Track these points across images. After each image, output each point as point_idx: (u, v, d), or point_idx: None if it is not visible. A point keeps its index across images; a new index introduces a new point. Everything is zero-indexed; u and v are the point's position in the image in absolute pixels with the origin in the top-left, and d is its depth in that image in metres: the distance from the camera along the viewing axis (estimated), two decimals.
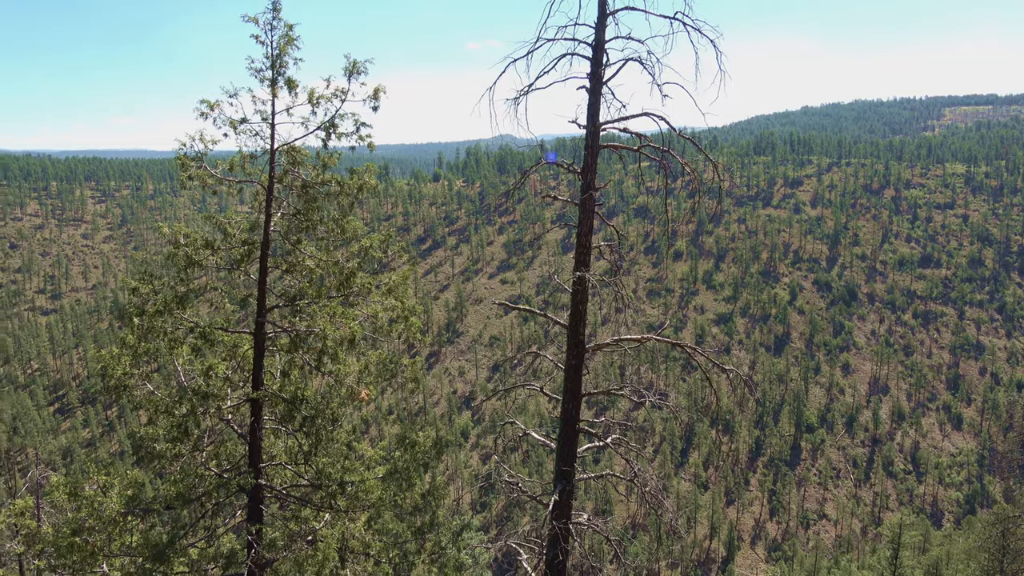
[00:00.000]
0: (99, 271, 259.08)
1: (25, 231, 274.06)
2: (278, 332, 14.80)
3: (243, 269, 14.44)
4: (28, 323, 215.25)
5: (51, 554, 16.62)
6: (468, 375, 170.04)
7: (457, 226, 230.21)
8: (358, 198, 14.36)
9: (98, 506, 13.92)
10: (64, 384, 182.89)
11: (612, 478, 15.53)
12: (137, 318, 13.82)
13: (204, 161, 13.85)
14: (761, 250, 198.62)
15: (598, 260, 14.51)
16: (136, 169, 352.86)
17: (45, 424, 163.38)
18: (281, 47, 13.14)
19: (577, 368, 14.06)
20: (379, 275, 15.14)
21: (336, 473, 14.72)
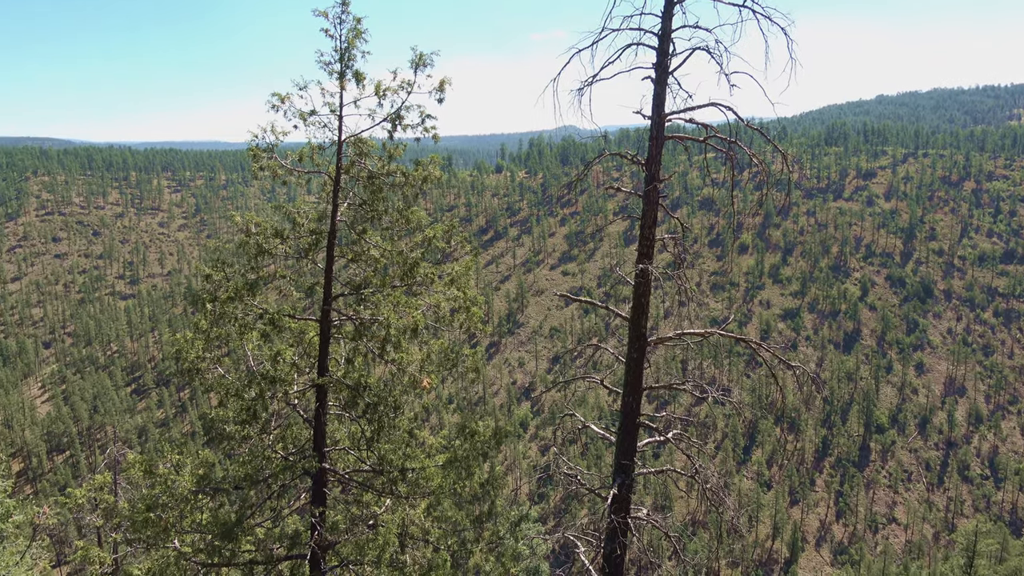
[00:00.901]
0: (174, 258, 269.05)
1: (107, 219, 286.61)
2: (343, 320, 15.09)
3: (310, 258, 14.76)
4: (108, 307, 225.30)
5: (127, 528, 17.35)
6: (528, 366, 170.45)
7: (519, 217, 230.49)
8: (422, 189, 14.51)
9: (171, 484, 14.47)
10: (141, 366, 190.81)
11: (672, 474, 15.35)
12: (210, 304, 14.28)
13: (275, 152, 14.20)
14: (831, 244, 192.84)
15: (661, 252, 14.37)
16: (210, 160, 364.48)
17: (123, 404, 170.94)
18: (349, 40, 13.34)
19: (638, 361, 13.93)
20: (442, 265, 15.27)
21: (398, 460, 14.96)
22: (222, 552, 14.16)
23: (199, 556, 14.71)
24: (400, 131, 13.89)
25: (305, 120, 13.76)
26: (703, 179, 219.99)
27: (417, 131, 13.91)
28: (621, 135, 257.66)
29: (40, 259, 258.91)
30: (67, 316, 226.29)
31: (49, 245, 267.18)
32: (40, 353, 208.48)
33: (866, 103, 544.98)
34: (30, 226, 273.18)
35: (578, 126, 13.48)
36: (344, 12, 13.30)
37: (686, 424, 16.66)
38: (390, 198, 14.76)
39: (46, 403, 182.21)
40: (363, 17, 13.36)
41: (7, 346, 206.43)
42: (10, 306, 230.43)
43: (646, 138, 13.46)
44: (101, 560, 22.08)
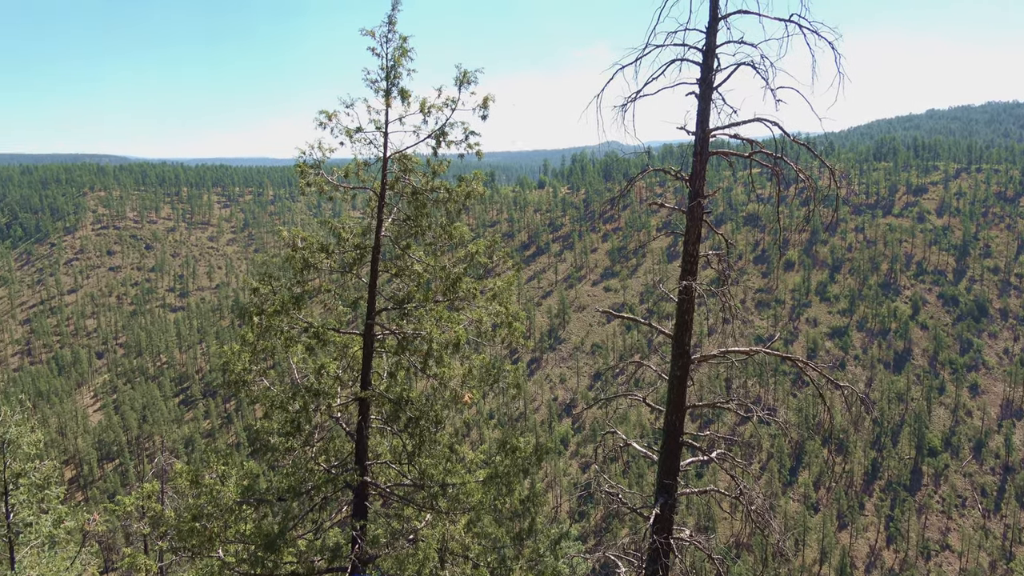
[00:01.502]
0: (222, 271, 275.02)
1: (159, 233, 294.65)
2: (386, 334, 15.22)
3: (355, 272, 14.94)
4: (159, 319, 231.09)
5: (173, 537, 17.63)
6: (569, 382, 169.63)
7: (561, 233, 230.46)
8: (465, 204, 14.61)
9: (216, 494, 14.69)
10: (188, 377, 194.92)
11: (716, 494, 15.08)
12: (256, 317, 14.53)
13: (321, 168, 14.45)
14: (880, 261, 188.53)
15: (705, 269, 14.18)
16: (258, 176, 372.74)
17: (170, 414, 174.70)
18: (396, 58, 13.55)
19: (682, 379, 13.75)
20: (484, 280, 15.32)
21: (438, 474, 14.98)
22: (265, 563, 14.30)
23: (242, 567, 14.89)
24: (444, 147, 14.03)
25: (351, 137, 13.99)
26: (748, 195, 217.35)
27: (461, 147, 14.03)
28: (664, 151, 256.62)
29: (95, 272, 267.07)
30: (119, 327, 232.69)
31: (104, 258, 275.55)
32: (93, 363, 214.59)
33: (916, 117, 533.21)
34: (86, 240, 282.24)
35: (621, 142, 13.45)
36: (391, 31, 13.52)
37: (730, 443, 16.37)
38: (433, 213, 14.89)
39: (98, 412, 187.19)
40: (409, 36, 13.57)
41: (62, 356, 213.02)
42: (66, 317, 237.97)
43: (690, 154, 13.35)
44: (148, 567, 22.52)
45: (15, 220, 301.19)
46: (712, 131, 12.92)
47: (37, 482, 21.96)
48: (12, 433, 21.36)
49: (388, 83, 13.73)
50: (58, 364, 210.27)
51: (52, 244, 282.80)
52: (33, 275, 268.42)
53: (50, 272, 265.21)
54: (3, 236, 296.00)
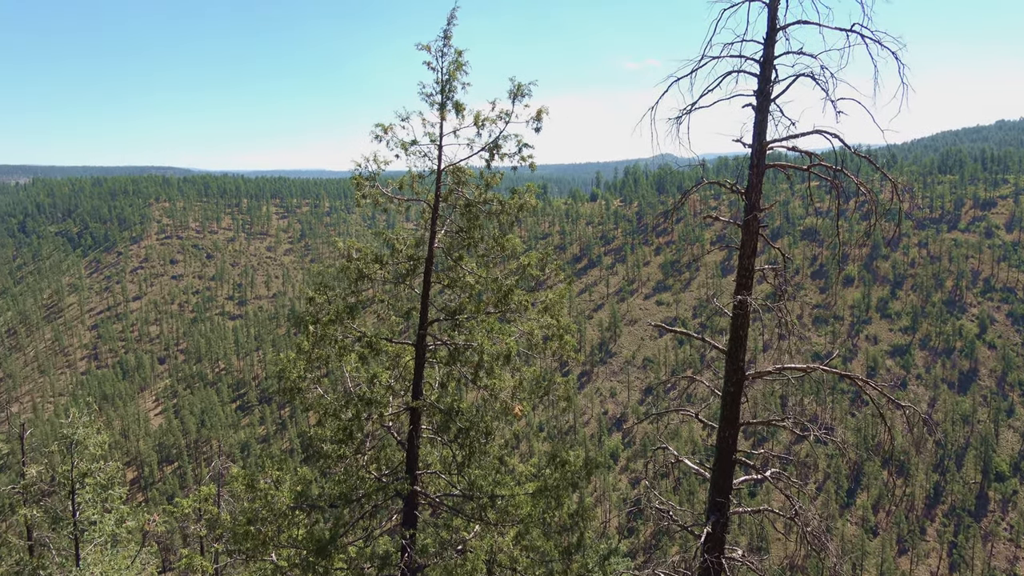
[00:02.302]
0: (279, 281, 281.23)
1: (219, 243, 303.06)
2: (438, 345, 15.34)
3: (408, 283, 15.13)
4: (218, 326, 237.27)
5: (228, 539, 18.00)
6: (620, 396, 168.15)
7: (613, 246, 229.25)
8: (518, 217, 14.68)
9: (271, 499, 14.97)
10: (245, 383, 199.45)
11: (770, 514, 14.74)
12: (312, 326, 14.82)
13: (377, 180, 14.71)
14: (945, 277, 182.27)
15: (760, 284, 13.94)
16: (315, 188, 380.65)
17: (227, 419, 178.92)
18: (451, 72, 13.73)
19: (735, 395, 13.53)
20: (535, 293, 15.34)
21: (488, 486, 14.99)
22: (316, 568, 14.50)
23: (294, 571, 15.13)
24: (497, 160, 14.14)
25: (406, 150, 14.22)
26: (806, 208, 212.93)
27: (514, 160, 14.12)
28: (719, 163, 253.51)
29: (159, 280, 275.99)
30: (181, 334, 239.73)
31: (167, 267, 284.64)
32: (155, 368, 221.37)
33: (984, 129, 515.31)
34: (151, 249, 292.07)
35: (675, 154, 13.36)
36: (446, 45, 13.71)
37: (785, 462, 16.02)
38: (486, 225, 15.00)
39: (159, 416, 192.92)
40: (464, 50, 13.73)
41: (127, 361, 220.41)
42: (131, 323, 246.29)
43: (745, 166, 13.18)
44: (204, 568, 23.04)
45: (86, 229, 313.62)
46: (769, 143, 12.74)
47: (102, 482, 22.73)
48: (80, 434, 22.17)
49: (443, 96, 13.92)
50: (123, 368, 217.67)
51: (119, 253, 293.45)
52: (101, 282, 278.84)
53: (117, 280, 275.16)
54: (75, 245, 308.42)
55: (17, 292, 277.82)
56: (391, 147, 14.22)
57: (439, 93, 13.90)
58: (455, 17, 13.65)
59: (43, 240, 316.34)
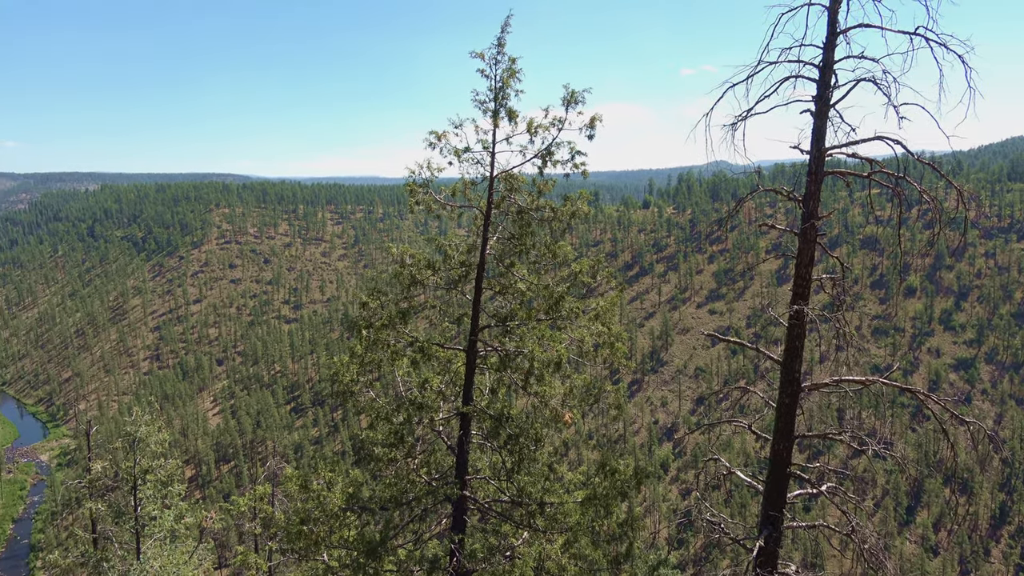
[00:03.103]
0: (333, 286, 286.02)
1: (276, 248, 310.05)
2: (489, 351, 15.41)
3: (460, 289, 15.25)
4: (274, 330, 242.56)
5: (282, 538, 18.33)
6: (671, 406, 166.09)
7: (665, 253, 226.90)
8: (570, 224, 14.67)
9: (323, 500, 15.22)
10: (299, 386, 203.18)
11: (825, 530, 14.39)
12: (365, 330, 15.05)
13: (430, 187, 14.88)
14: (1014, 289, 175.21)
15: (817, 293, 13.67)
16: (369, 194, 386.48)
17: (282, 420, 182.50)
18: (504, 80, 13.82)
19: (790, 407, 13.27)
20: (587, 300, 15.29)
21: (536, 493, 14.97)
22: (366, 570, 14.67)
23: (345, 572, 15.35)
24: (550, 167, 14.17)
25: (459, 157, 14.35)
26: (866, 216, 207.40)
27: (567, 167, 14.13)
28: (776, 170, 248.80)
29: (218, 284, 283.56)
30: (238, 337, 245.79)
31: (226, 271, 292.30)
32: (214, 369, 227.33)
33: None
34: (211, 253, 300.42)
35: (730, 161, 13.21)
36: (500, 53, 13.81)
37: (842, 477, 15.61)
38: (538, 232, 15.03)
39: (216, 415, 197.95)
40: (518, 57, 13.81)
41: (187, 362, 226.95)
42: (191, 326, 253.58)
43: (803, 173, 12.96)
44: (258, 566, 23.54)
45: (150, 234, 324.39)
46: (828, 150, 12.50)
47: (162, 479, 23.44)
48: (142, 432, 22.92)
49: (496, 104, 14.01)
50: (183, 369, 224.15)
51: (181, 257, 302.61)
52: (164, 286, 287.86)
53: (178, 283, 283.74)
54: (139, 249, 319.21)
55: (85, 294, 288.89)
56: (444, 154, 14.38)
57: (492, 100, 14.00)
58: (509, 24, 13.74)
59: (110, 244, 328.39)
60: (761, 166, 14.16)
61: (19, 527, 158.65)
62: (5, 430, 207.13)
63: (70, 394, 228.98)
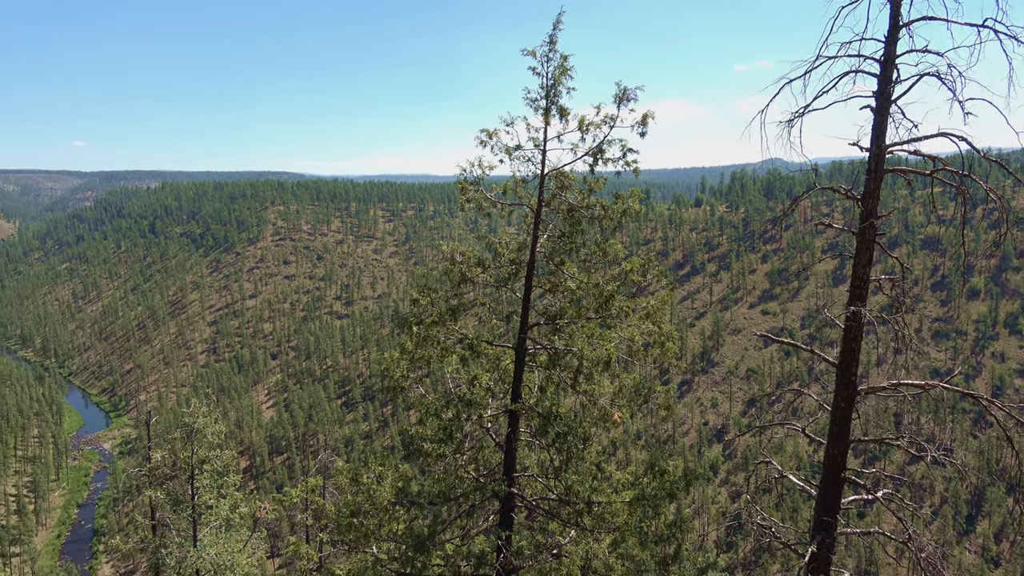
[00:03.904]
0: (384, 282, 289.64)
1: (329, 245, 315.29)
2: (538, 349, 15.42)
3: (509, 287, 15.29)
4: (326, 325, 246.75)
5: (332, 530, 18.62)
6: (721, 407, 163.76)
7: (717, 252, 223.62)
8: (620, 222, 14.57)
9: (373, 493, 15.44)
10: (350, 381, 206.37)
11: (880, 537, 14.03)
12: (415, 327, 15.20)
13: (481, 185, 14.95)
14: None
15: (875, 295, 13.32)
16: (420, 192, 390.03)
17: (333, 414, 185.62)
18: (556, 77, 13.80)
19: (846, 411, 12.97)
20: (637, 299, 15.18)
21: (584, 491, 14.93)
22: (415, 563, 14.85)
23: (393, 565, 15.54)
24: (601, 165, 14.10)
25: (510, 155, 14.38)
26: (927, 216, 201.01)
27: (618, 165, 14.04)
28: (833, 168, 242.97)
29: (273, 279, 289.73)
30: (292, 331, 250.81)
31: (281, 267, 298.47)
32: (268, 363, 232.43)
33: None
34: (266, 250, 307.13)
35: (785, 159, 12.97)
36: (551, 50, 13.79)
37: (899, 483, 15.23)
38: (588, 230, 14.97)
39: (270, 408, 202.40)
40: (569, 55, 13.77)
41: (242, 355, 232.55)
42: (246, 320, 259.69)
43: (861, 171, 12.64)
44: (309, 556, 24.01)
45: (208, 231, 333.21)
46: (888, 147, 12.16)
47: (218, 469, 24.09)
48: (200, 423, 23.59)
49: (547, 101, 14.00)
50: (238, 363, 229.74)
51: (237, 253, 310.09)
52: (221, 281, 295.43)
53: (234, 279, 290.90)
54: (198, 245, 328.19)
55: (147, 289, 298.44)
56: (495, 152, 14.42)
57: (544, 98, 13.99)
58: (561, 22, 13.71)
59: (170, 240, 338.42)
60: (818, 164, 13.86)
61: (83, 512, 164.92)
62: (71, 419, 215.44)
63: (131, 385, 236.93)
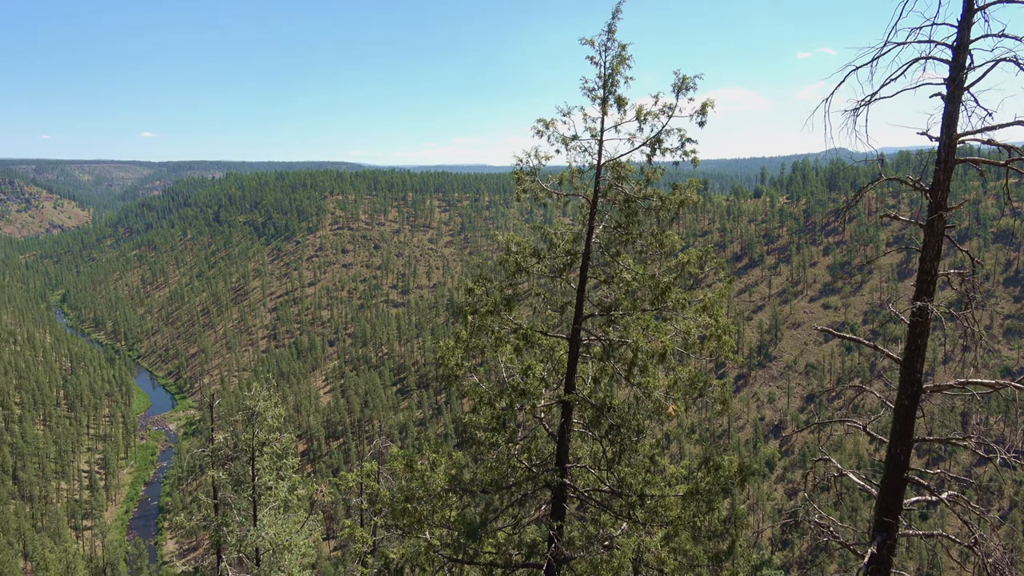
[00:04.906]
0: (439, 272, 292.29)
1: (386, 234, 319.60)
2: (592, 340, 15.37)
3: (564, 277, 15.26)
4: (382, 313, 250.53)
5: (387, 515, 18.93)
6: (779, 402, 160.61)
7: (777, 245, 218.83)
8: (678, 213, 14.39)
9: (426, 480, 15.65)
10: (405, 368, 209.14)
11: (944, 540, 13.60)
12: (470, 316, 15.32)
13: (537, 176, 14.93)
14: None
15: (943, 289, 12.86)
16: (475, 182, 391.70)
17: (388, 401, 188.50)
18: (614, 66, 13.66)
19: (910, 409, 12.58)
20: (693, 291, 14.99)
21: (637, 484, 14.85)
22: (466, 550, 15.02)
23: (446, 550, 15.76)
24: (659, 155, 13.93)
25: (567, 145, 14.32)
26: (1001, 208, 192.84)
27: (676, 155, 13.85)
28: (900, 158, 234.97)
29: (331, 268, 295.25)
30: (349, 319, 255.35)
31: (339, 256, 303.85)
32: (326, 350, 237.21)
33: None
34: (325, 239, 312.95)
35: (849, 148, 12.60)
36: (610, 39, 13.66)
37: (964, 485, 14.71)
38: (644, 221, 14.82)
39: (327, 394, 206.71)
40: (628, 44, 13.61)
41: (301, 342, 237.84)
42: (305, 307, 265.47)
43: (930, 161, 12.20)
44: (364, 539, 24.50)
45: (269, 220, 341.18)
46: (960, 136, 11.71)
47: (277, 451, 24.75)
48: (260, 407, 24.26)
49: (605, 91, 13.89)
50: (297, 349, 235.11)
51: (297, 242, 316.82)
52: (281, 269, 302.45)
53: (294, 267, 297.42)
54: (260, 233, 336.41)
55: (211, 275, 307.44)
56: (552, 142, 14.39)
57: (601, 88, 13.88)
58: (620, 11, 13.56)
59: (233, 229, 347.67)
60: (884, 153, 13.42)
61: (150, 489, 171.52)
62: (139, 399, 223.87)
63: (195, 368, 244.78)
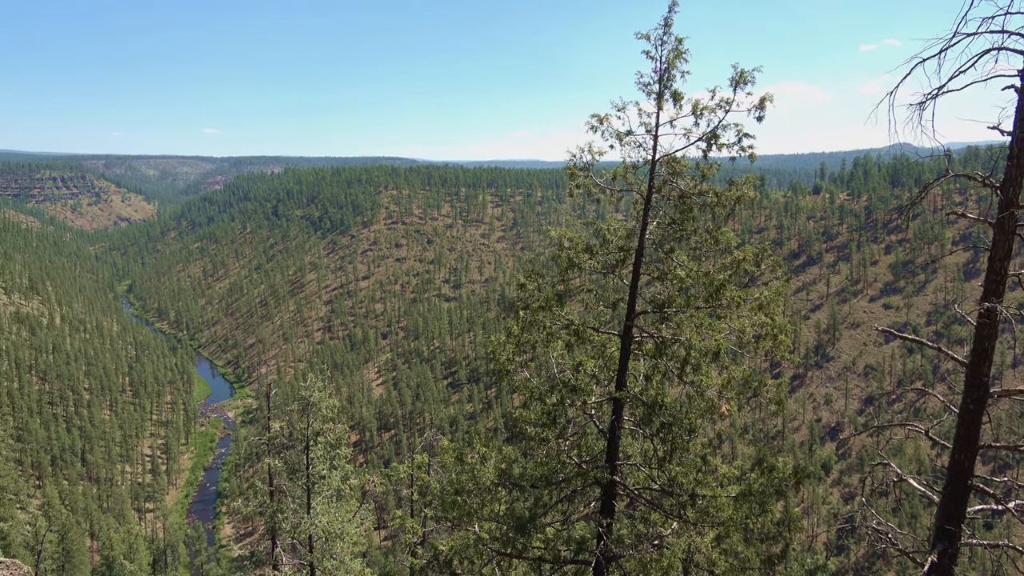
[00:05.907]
0: (491, 267, 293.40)
1: (439, 229, 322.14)
2: (644, 337, 15.24)
3: (617, 274, 15.16)
4: (434, 307, 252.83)
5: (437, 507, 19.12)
6: (835, 404, 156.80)
7: (836, 242, 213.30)
8: (733, 210, 14.15)
9: (477, 473, 15.76)
10: (456, 362, 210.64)
11: (1010, 551, 13.12)
12: (522, 311, 15.34)
13: (590, 171, 14.85)
14: None
15: (1014, 290, 12.43)
16: (528, 177, 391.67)
17: (439, 394, 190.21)
18: (670, 61, 13.50)
19: (975, 414, 12.15)
20: (749, 289, 14.72)
21: (688, 484, 14.70)
22: (515, 544, 15.08)
23: (495, 544, 15.84)
24: (715, 150, 13.73)
25: (621, 140, 14.20)
26: None
27: (733, 150, 13.62)
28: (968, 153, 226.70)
29: (385, 262, 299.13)
30: (402, 312, 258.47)
31: (392, 250, 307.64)
32: (378, 343, 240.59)
33: None
34: (379, 233, 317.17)
35: (913, 143, 12.19)
36: (666, 33, 13.49)
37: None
38: (699, 218, 14.62)
39: (380, 386, 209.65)
40: (684, 37, 13.43)
41: (355, 334, 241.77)
42: (359, 300, 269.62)
43: (1001, 157, 11.74)
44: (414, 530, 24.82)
45: (325, 214, 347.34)
46: None
47: (331, 441, 25.24)
48: (315, 397, 24.77)
49: (661, 86, 13.73)
50: (351, 341, 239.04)
51: (352, 236, 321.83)
52: (336, 262, 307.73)
53: (349, 260, 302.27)
54: (316, 228, 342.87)
55: (269, 268, 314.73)
56: (606, 137, 14.29)
57: (657, 82, 13.73)
58: (676, 4, 13.39)
59: (291, 223, 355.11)
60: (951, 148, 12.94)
61: (208, 475, 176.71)
62: (200, 388, 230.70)
63: (253, 358, 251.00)
